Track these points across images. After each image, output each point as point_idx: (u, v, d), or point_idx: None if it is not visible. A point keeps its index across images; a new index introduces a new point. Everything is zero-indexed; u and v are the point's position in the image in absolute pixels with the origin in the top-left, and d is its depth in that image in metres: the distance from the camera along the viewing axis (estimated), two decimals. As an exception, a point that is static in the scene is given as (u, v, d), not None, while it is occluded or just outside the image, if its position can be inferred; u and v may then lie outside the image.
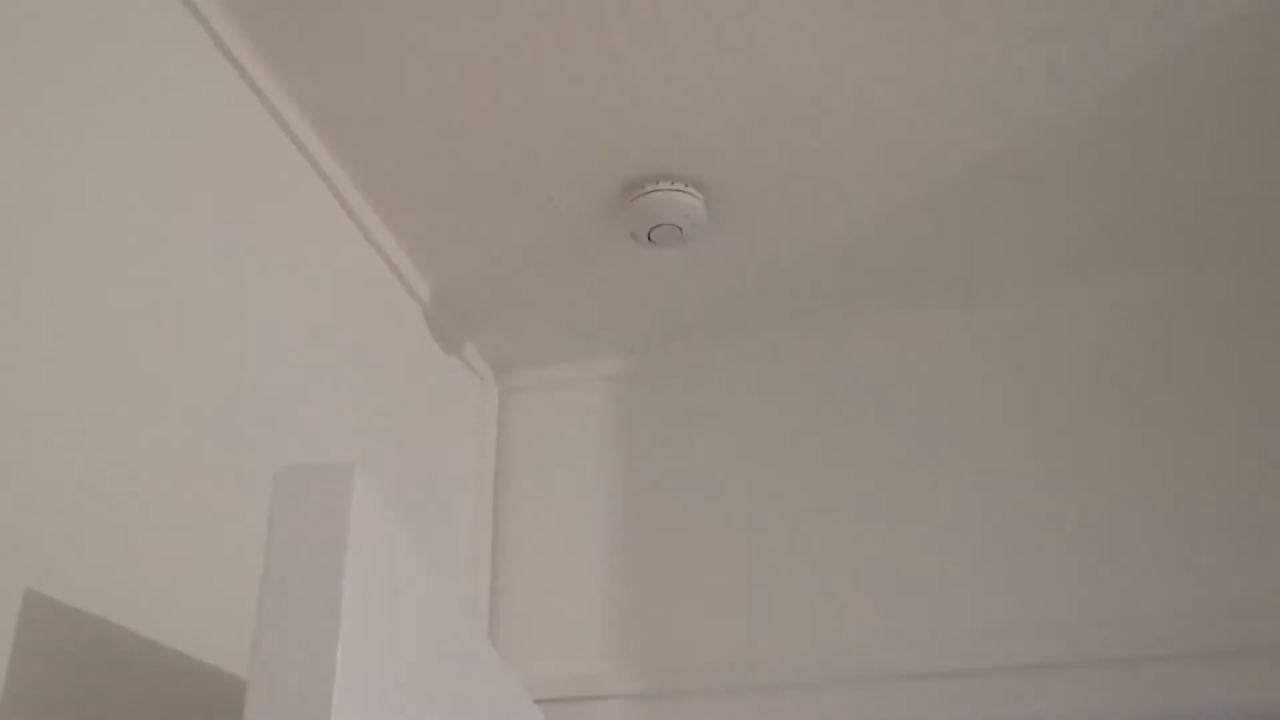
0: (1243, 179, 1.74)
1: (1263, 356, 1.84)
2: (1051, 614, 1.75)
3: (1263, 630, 1.64)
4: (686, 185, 1.73)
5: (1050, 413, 1.90)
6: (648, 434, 2.09)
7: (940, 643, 1.77)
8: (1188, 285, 1.92)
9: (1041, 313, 1.97)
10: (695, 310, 2.04)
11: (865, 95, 1.59)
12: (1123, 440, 1.85)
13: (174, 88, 1.36)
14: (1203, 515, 1.76)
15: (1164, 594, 1.72)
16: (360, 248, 1.77)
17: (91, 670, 1.06)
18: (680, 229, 1.75)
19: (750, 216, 1.81)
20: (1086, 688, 1.67)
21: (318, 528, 0.90)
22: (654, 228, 1.75)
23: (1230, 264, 1.90)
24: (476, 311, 2.03)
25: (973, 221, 1.83)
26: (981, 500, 1.86)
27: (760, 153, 1.68)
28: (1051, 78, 1.56)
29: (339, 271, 1.69)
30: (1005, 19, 1.48)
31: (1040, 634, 1.73)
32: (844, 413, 2.00)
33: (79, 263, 1.16)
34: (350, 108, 1.60)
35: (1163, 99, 1.60)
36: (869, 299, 2.01)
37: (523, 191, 1.75)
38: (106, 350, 1.17)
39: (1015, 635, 1.74)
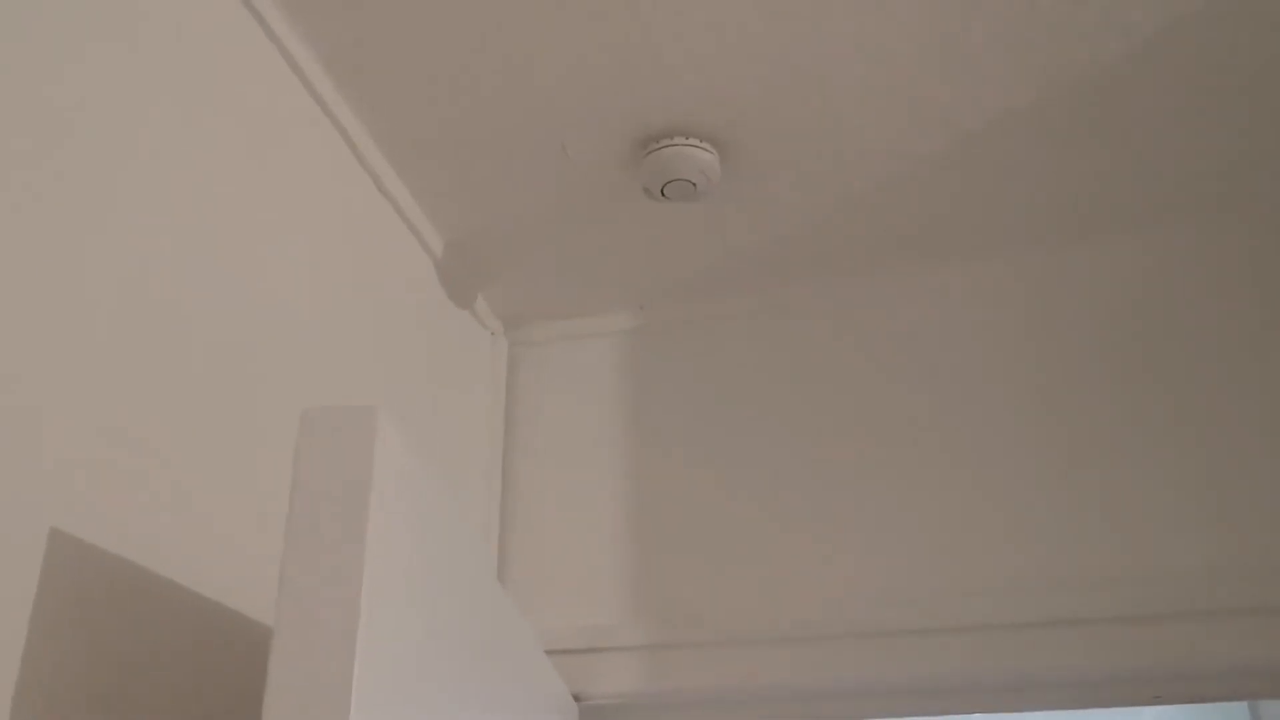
0: (1268, 136, 1.74)
1: None
2: (1066, 571, 1.76)
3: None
4: (701, 140, 1.72)
5: (1068, 368, 1.90)
6: (658, 388, 2.09)
7: (953, 598, 1.78)
8: (1211, 241, 1.91)
9: (1062, 267, 1.97)
10: (707, 266, 2.04)
11: (885, 50, 1.58)
12: (1143, 397, 1.85)
13: (189, 33, 1.35)
14: (1219, 473, 1.76)
15: (1180, 551, 1.73)
16: (374, 199, 1.77)
17: (113, 609, 1.08)
18: (694, 184, 1.74)
19: (764, 172, 1.81)
20: (1100, 644, 1.68)
21: (342, 466, 0.91)
22: (668, 183, 1.74)
23: (1255, 220, 1.90)
24: (488, 265, 2.04)
25: (992, 178, 1.82)
26: (996, 456, 1.87)
27: (777, 108, 1.68)
28: (1076, 33, 1.56)
29: (352, 222, 1.69)
30: (1026, -26, 1.47)
31: (1055, 590, 1.74)
32: (856, 369, 2.01)
33: (94, 210, 1.16)
34: (366, 57, 1.59)
35: (1188, 55, 1.60)
36: (883, 256, 2.01)
37: (537, 144, 1.75)
38: (127, 295, 1.18)
39: (1030, 591, 1.75)
